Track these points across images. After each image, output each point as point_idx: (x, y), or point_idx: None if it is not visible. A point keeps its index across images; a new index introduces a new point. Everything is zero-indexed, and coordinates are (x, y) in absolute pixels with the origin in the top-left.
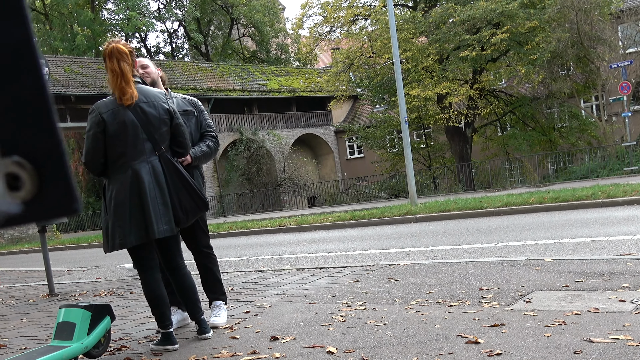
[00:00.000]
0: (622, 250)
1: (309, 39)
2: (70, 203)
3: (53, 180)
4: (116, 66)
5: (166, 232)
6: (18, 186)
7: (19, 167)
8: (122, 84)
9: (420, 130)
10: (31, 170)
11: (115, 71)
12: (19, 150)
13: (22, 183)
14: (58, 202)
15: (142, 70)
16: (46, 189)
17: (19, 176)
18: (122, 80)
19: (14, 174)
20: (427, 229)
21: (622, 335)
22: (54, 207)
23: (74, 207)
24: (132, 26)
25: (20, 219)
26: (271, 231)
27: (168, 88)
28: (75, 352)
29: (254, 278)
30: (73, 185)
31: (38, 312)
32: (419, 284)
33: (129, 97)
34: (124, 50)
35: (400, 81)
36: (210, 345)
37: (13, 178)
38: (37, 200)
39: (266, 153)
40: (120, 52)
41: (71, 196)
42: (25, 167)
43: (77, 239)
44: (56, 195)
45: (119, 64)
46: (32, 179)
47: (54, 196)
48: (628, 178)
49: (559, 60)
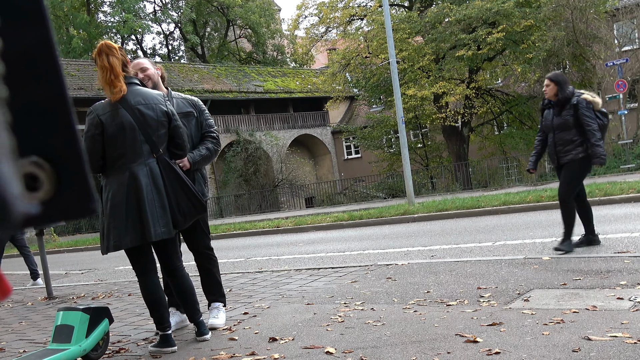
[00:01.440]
0: (620, 248)
1: (305, 39)
2: (87, 203)
3: (71, 181)
4: (105, 61)
5: (163, 235)
6: (36, 187)
7: (37, 168)
8: (111, 78)
9: (417, 130)
10: (49, 171)
11: (104, 67)
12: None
13: (40, 183)
14: (75, 202)
15: (142, 74)
16: (64, 189)
17: (38, 176)
18: (111, 74)
19: (32, 174)
20: (425, 228)
21: (620, 333)
22: (72, 207)
23: (91, 207)
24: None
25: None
26: (269, 232)
27: (168, 87)
28: (73, 354)
29: (252, 279)
30: (90, 185)
31: (36, 315)
32: (417, 283)
33: (118, 91)
34: (113, 45)
35: (396, 81)
36: (209, 347)
37: (31, 178)
38: (55, 201)
39: (263, 154)
40: (109, 47)
41: (88, 196)
42: (44, 168)
43: (74, 241)
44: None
45: (107, 58)
46: (50, 179)
47: (71, 196)
48: (625, 176)
49: (555, 59)
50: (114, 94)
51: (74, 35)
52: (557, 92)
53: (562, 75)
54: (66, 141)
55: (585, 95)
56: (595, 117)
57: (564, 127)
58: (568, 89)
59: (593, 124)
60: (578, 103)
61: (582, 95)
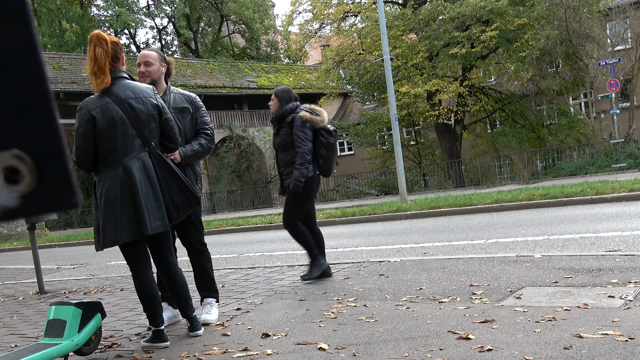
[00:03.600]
0: (611, 246)
1: (299, 35)
2: (69, 197)
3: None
4: (92, 52)
5: (159, 228)
6: (17, 180)
7: (18, 161)
8: (94, 69)
9: (410, 127)
10: (31, 164)
11: (90, 57)
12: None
13: (21, 177)
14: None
15: (144, 68)
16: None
17: (19, 170)
18: (95, 64)
19: (13, 167)
20: (418, 225)
21: (611, 331)
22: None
23: (73, 202)
24: (121, 22)
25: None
26: (262, 228)
27: (168, 82)
28: (65, 349)
29: (244, 275)
30: (72, 179)
31: (28, 310)
32: (409, 280)
33: (100, 82)
34: (103, 36)
35: (390, 78)
36: (202, 342)
37: (12, 171)
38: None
39: (256, 150)
40: (99, 37)
41: (70, 190)
42: (25, 161)
43: (66, 236)
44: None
45: (94, 49)
46: (31, 172)
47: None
48: (616, 175)
49: (548, 58)
50: (96, 85)
51: (67, 29)
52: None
53: (287, 90)
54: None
55: (302, 113)
56: (309, 139)
57: (283, 147)
58: (288, 105)
59: (304, 145)
60: (293, 121)
61: (301, 112)
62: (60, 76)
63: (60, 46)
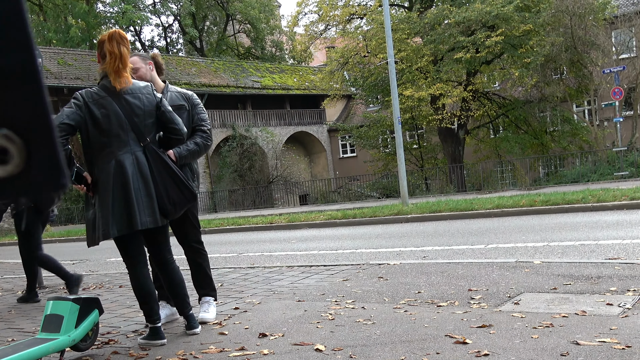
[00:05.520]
0: (611, 254)
1: (304, 36)
2: (58, 177)
3: (41, 155)
4: (116, 49)
5: (149, 224)
6: (6, 160)
7: (7, 141)
8: (119, 66)
9: (413, 130)
10: (20, 144)
11: (114, 53)
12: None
13: (10, 157)
14: (46, 176)
15: (133, 75)
16: (34, 163)
17: (8, 149)
18: (120, 62)
19: (2, 147)
20: (418, 229)
21: (608, 339)
22: (42, 180)
23: (62, 182)
24: (126, 19)
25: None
26: (262, 228)
27: (166, 81)
28: (62, 344)
29: (243, 274)
30: (61, 160)
31: (26, 304)
32: (408, 283)
33: (124, 81)
34: (125, 35)
35: (394, 81)
36: (199, 341)
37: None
38: (25, 174)
39: (259, 150)
40: (122, 36)
41: (58, 171)
42: (14, 141)
43: (67, 231)
44: (44, 169)
45: (119, 47)
46: (20, 152)
47: (42, 170)
48: (618, 183)
49: (553, 64)
50: (119, 83)
51: (72, 25)
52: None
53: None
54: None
55: None
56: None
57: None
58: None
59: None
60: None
61: None
62: (65, 72)
63: (65, 41)
